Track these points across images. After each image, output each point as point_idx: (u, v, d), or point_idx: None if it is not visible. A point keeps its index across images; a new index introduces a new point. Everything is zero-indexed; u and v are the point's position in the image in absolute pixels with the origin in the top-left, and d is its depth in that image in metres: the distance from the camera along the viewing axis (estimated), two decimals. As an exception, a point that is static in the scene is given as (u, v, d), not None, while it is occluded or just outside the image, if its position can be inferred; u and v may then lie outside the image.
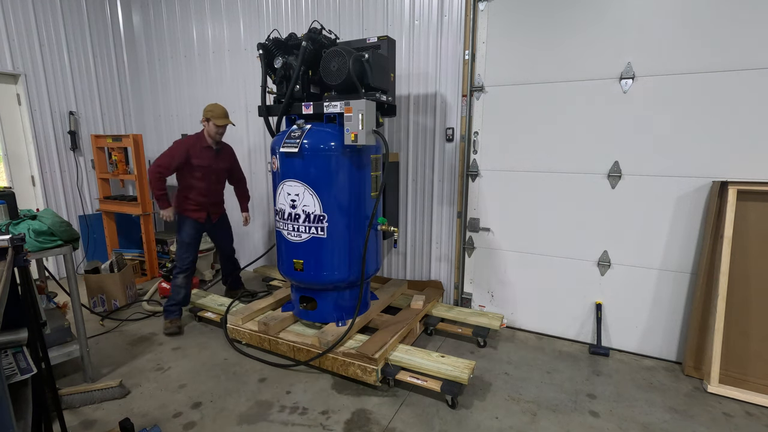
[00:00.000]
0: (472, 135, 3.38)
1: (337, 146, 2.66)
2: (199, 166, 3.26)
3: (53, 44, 4.30)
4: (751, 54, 2.49)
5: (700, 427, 2.29)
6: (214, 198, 3.47)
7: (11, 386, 1.50)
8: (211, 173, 3.35)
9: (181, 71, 4.82)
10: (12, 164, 4.19)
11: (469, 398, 2.51)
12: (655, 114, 2.77)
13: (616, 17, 2.78)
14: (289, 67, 2.82)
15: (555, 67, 3.01)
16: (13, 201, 2.58)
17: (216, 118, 3.20)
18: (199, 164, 3.25)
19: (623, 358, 3.02)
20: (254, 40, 4.24)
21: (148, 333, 3.34)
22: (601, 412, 2.40)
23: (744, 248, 2.56)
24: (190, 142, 3.26)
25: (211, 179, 3.37)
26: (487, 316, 3.29)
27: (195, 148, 3.24)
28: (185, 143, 3.25)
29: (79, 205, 4.65)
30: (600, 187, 3.00)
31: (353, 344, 2.74)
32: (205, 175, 3.31)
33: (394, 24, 3.53)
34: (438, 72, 3.42)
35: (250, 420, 2.33)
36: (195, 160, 3.23)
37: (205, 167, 3.29)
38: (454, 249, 3.60)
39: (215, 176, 3.40)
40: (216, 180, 3.42)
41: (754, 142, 2.55)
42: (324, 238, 2.75)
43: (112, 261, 3.83)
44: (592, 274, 3.13)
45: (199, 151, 3.26)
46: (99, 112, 4.78)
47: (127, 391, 2.56)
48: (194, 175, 3.28)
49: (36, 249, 2.31)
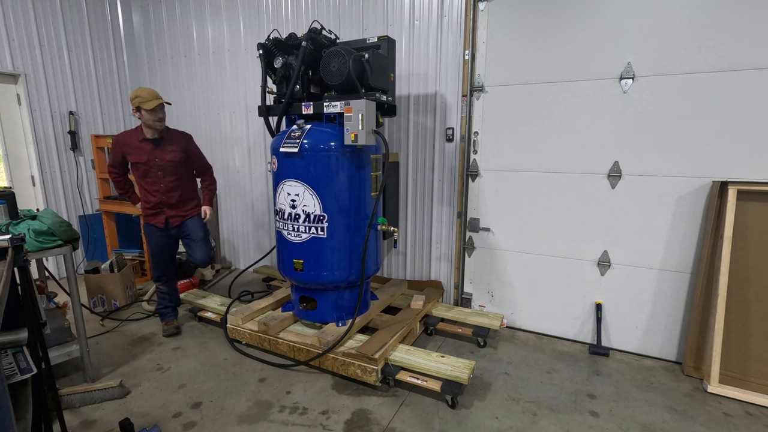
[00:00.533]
0: (472, 135, 3.38)
1: (337, 146, 2.66)
2: (136, 163, 2.95)
3: (53, 44, 4.30)
4: (751, 54, 2.48)
5: (700, 427, 2.29)
6: (169, 198, 3.04)
7: (11, 386, 1.50)
8: (154, 168, 2.96)
9: (181, 71, 4.82)
10: (12, 164, 4.19)
11: (469, 398, 2.51)
12: (655, 114, 2.77)
13: (617, 17, 2.78)
14: (289, 67, 2.82)
15: (555, 67, 3.01)
16: (13, 201, 2.58)
17: (145, 103, 2.79)
18: (136, 161, 2.94)
19: (623, 358, 3.02)
20: (254, 40, 4.24)
21: (148, 333, 3.34)
22: (601, 412, 2.40)
23: (744, 248, 2.56)
24: (121, 138, 2.95)
25: (157, 175, 2.98)
26: (487, 316, 3.29)
27: (129, 145, 2.93)
28: (117, 140, 2.96)
29: (79, 205, 4.65)
30: (600, 187, 3.00)
31: (353, 344, 2.74)
32: (147, 172, 2.97)
33: (394, 24, 3.53)
34: (438, 72, 3.42)
35: (250, 420, 2.33)
36: (131, 157, 2.94)
37: (143, 163, 2.94)
38: (454, 249, 3.60)
39: (161, 171, 2.98)
40: (163, 175, 2.99)
41: (754, 142, 2.55)
42: (324, 238, 2.75)
43: (112, 261, 3.83)
44: (592, 274, 3.13)
45: (135, 146, 2.93)
46: (99, 112, 4.78)
47: (127, 391, 2.56)
48: (136, 173, 3.00)
49: (36, 249, 2.31)
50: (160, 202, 3.02)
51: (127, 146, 2.94)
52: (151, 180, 2.98)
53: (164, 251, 3.14)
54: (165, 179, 3.00)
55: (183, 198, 3.10)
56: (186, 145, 3.09)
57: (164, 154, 2.97)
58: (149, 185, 2.99)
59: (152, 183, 2.98)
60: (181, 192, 3.08)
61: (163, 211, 3.05)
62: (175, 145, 3.03)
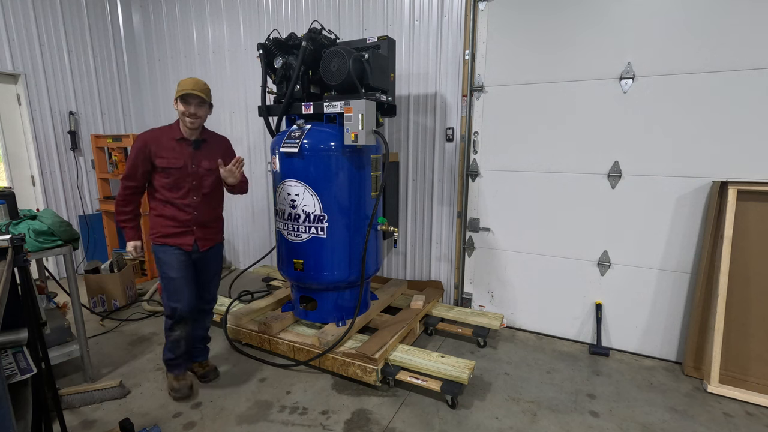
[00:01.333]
0: (472, 135, 3.38)
1: (337, 146, 2.66)
2: (168, 168, 2.32)
3: (53, 44, 4.30)
4: (751, 54, 2.48)
5: (700, 427, 2.29)
6: (202, 214, 2.45)
7: (11, 386, 1.50)
8: (190, 177, 2.37)
9: (181, 71, 4.82)
10: (12, 164, 4.19)
11: (469, 398, 2.51)
12: (655, 114, 2.77)
13: (617, 17, 2.78)
14: (289, 67, 2.82)
15: (555, 67, 3.01)
16: (13, 201, 2.58)
17: (179, 91, 2.26)
18: (167, 165, 2.32)
19: (623, 358, 3.02)
20: (254, 40, 4.24)
21: (148, 333, 3.34)
22: (601, 412, 2.40)
23: (744, 248, 2.56)
24: (151, 136, 2.34)
25: (191, 185, 2.38)
26: (487, 316, 3.29)
27: (159, 143, 2.32)
28: (144, 139, 2.32)
29: (79, 205, 4.65)
30: (600, 187, 3.00)
31: (353, 344, 2.73)
32: (179, 182, 2.35)
33: (394, 24, 3.53)
34: (438, 72, 3.42)
35: (250, 420, 2.33)
36: (160, 160, 2.31)
37: (177, 169, 2.33)
38: (454, 249, 3.60)
39: (196, 181, 2.39)
40: (199, 186, 2.41)
41: (754, 142, 2.55)
42: (324, 238, 2.75)
43: (112, 261, 3.83)
44: (592, 274, 3.13)
45: (169, 147, 2.33)
46: (99, 112, 4.78)
47: (127, 391, 2.56)
48: (164, 182, 2.34)
49: (36, 249, 2.31)
50: (192, 219, 2.42)
51: (158, 146, 2.31)
52: (184, 192, 2.38)
53: (189, 279, 2.44)
54: (200, 191, 2.42)
55: (214, 216, 2.56)
56: (225, 151, 2.56)
57: (203, 161, 2.42)
58: (180, 198, 2.37)
59: (184, 196, 2.38)
60: (214, 209, 2.55)
61: (192, 231, 2.44)
62: (216, 150, 2.49)
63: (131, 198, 2.39)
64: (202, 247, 2.49)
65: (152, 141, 2.32)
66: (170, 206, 2.39)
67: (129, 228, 2.44)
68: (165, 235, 2.40)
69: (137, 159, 2.31)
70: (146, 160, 2.31)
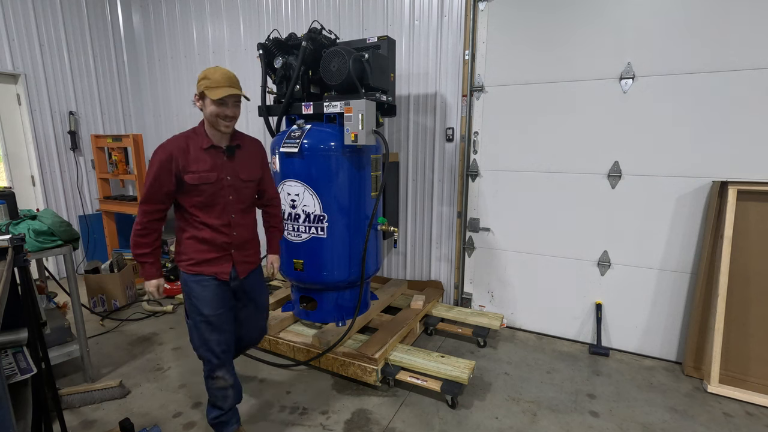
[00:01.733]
0: (472, 135, 3.38)
1: (337, 146, 2.66)
2: (199, 184, 1.85)
3: (53, 44, 4.30)
4: (751, 54, 2.48)
5: (700, 427, 2.29)
6: (241, 233, 2.01)
7: (11, 386, 1.50)
8: (225, 191, 1.92)
9: (181, 71, 4.82)
10: (12, 164, 4.19)
11: (469, 398, 2.51)
12: (654, 114, 2.77)
13: (617, 17, 2.78)
14: (289, 67, 2.82)
15: (555, 68, 3.01)
16: (13, 201, 2.59)
17: (212, 89, 1.78)
18: (198, 181, 1.84)
19: (623, 358, 3.02)
20: (254, 40, 4.24)
21: (148, 333, 3.34)
22: (601, 412, 2.40)
23: (744, 248, 2.56)
24: (174, 146, 1.83)
25: (227, 201, 1.94)
26: (487, 316, 3.29)
27: (187, 154, 1.84)
28: (166, 151, 1.81)
29: (79, 205, 4.65)
30: (600, 187, 3.00)
31: (353, 344, 2.73)
32: (213, 198, 1.89)
33: (394, 24, 3.53)
34: (438, 72, 3.42)
35: (250, 420, 2.33)
36: (191, 176, 1.83)
37: (210, 184, 1.87)
38: (454, 249, 3.60)
39: (233, 196, 1.95)
40: (236, 200, 1.97)
41: (754, 142, 2.55)
42: (324, 238, 2.75)
43: (112, 261, 3.83)
44: (592, 274, 3.13)
45: (199, 158, 1.85)
46: (99, 112, 4.78)
47: (127, 391, 2.56)
48: (195, 201, 1.88)
49: (36, 249, 2.31)
50: (230, 241, 1.97)
51: (186, 158, 1.83)
52: (219, 209, 1.92)
53: (227, 315, 2.00)
54: (237, 207, 1.98)
55: (252, 234, 2.10)
56: (263, 159, 2.13)
57: (240, 171, 1.97)
58: (215, 218, 1.92)
59: (220, 214, 1.92)
60: (250, 227, 2.09)
61: (230, 255, 1.99)
62: (253, 156, 2.06)
63: (152, 226, 1.87)
64: (241, 273, 2.03)
65: (178, 152, 1.82)
66: (205, 228, 1.92)
67: (149, 264, 1.91)
68: (198, 262, 1.92)
69: (161, 176, 1.80)
70: (172, 176, 1.81)
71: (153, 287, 1.95)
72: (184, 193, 1.87)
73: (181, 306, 3.80)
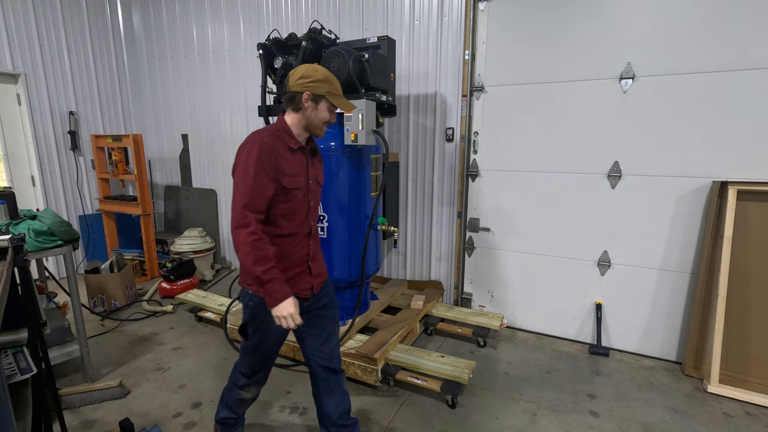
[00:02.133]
0: (472, 135, 3.38)
1: (337, 146, 2.66)
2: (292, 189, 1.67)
3: (53, 44, 4.30)
4: (751, 54, 2.48)
5: (700, 427, 2.29)
6: (315, 243, 1.85)
7: (11, 386, 1.50)
8: (308, 196, 1.76)
9: (181, 71, 4.82)
10: (12, 164, 4.19)
11: (469, 398, 2.51)
12: (655, 114, 2.77)
13: (617, 17, 2.78)
14: (290, 67, 2.82)
15: (555, 68, 3.01)
16: (13, 201, 2.59)
17: (336, 97, 1.70)
18: (291, 185, 1.66)
19: (623, 358, 3.02)
20: (254, 40, 4.24)
21: (148, 333, 3.34)
22: (601, 412, 2.40)
23: (744, 248, 2.56)
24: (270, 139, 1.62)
25: (309, 208, 1.77)
26: (487, 316, 3.29)
27: (281, 154, 1.64)
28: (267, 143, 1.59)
29: (79, 205, 4.65)
30: (600, 187, 3.00)
31: (353, 344, 2.73)
32: (299, 205, 1.72)
33: (394, 24, 3.53)
34: (438, 72, 3.42)
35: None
36: (288, 179, 1.64)
37: (299, 189, 1.70)
38: (454, 249, 3.60)
39: (314, 201, 1.81)
40: (315, 207, 1.83)
41: (754, 142, 2.55)
42: (324, 238, 2.75)
43: (112, 261, 3.83)
44: (592, 274, 3.13)
45: (287, 159, 1.66)
46: (99, 112, 4.78)
47: (127, 391, 2.56)
48: (281, 209, 1.67)
49: (36, 249, 2.31)
50: (309, 253, 1.79)
51: (281, 158, 1.63)
52: (301, 218, 1.74)
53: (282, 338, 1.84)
54: (315, 214, 1.83)
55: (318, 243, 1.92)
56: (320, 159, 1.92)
57: (317, 174, 1.83)
58: (297, 226, 1.73)
59: (301, 223, 1.74)
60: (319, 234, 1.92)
61: (308, 269, 1.80)
62: (320, 160, 1.89)
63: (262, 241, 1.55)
64: (317, 287, 1.82)
65: (276, 150, 1.61)
66: (286, 240, 1.70)
67: (277, 280, 1.55)
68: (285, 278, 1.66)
69: (264, 174, 1.56)
70: (273, 176, 1.59)
71: (292, 308, 1.55)
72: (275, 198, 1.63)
73: (181, 306, 3.80)
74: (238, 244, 1.53)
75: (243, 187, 1.55)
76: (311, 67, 1.67)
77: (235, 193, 1.56)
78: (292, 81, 1.65)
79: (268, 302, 1.56)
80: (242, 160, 1.57)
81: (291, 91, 1.65)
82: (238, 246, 1.53)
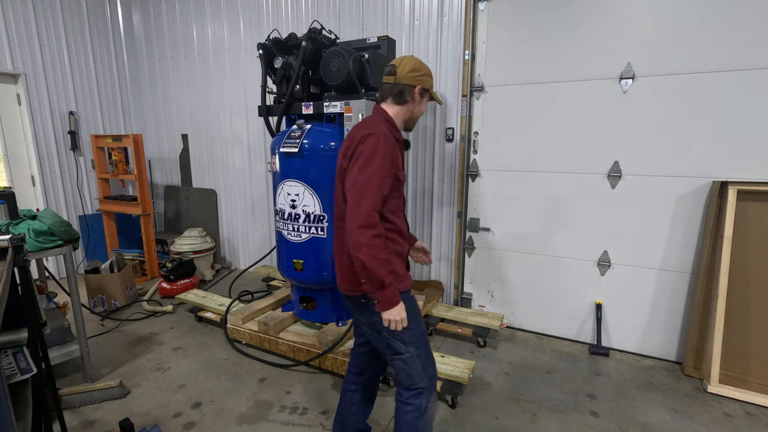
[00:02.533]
0: (472, 135, 3.38)
1: (337, 146, 2.66)
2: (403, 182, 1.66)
3: (53, 44, 4.30)
4: (751, 54, 2.48)
5: (700, 427, 2.29)
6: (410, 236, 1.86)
7: (11, 386, 1.50)
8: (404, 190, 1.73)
9: (181, 71, 4.82)
10: (12, 164, 4.19)
11: (469, 398, 2.51)
12: (654, 114, 2.77)
13: (617, 18, 2.78)
14: (289, 67, 2.82)
15: (555, 68, 3.01)
16: (13, 201, 2.59)
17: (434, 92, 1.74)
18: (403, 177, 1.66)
19: (623, 358, 3.02)
20: (254, 40, 4.24)
21: (148, 333, 3.34)
22: (601, 412, 2.40)
23: (744, 248, 2.56)
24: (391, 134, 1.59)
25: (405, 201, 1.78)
26: (487, 316, 3.29)
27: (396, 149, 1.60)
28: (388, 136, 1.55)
29: (79, 205, 4.65)
30: (600, 187, 3.00)
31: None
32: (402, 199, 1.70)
33: (394, 24, 3.53)
34: (438, 72, 3.42)
35: (250, 420, 2.33)
36: (401, 172, 1.63)
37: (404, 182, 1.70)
38: (454, 249, 3.60)
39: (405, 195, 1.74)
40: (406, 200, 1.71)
41: (754, 142, 2.55)
42: (324, 238, 2.75)
43: (112, 261, 3.83)
44: (592, 274, 3.13)
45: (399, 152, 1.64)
46: (99, 112, 4.78)
47: (127, 391, 2.56)
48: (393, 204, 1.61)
49: (36, 249, 2.31)
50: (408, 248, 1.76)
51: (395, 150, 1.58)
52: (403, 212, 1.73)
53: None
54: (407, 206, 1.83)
55: None
56: None
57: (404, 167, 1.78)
58: (402, 221, 1.70)
59: (404, 218, 1.73)
60: None
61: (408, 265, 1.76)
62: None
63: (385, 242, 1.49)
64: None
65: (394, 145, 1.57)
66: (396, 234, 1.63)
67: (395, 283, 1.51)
68: (402, 276, 1.64)
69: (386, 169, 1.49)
70: (392, 171, 1.53)
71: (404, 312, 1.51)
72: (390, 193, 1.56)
73: (181, 306, 3.80)
74: (360, 245, 1.42)
75: (373, 183, 1.45)
76: (418, 61, 1.65)
77: (362, 190, 1.45)
78: (402, 74, 1.61)
79: (382, 305, 1.48)
80: (369, 153, 1.46)
81: (401, 84, 1.61)
82: (360, 247, 1.42)
